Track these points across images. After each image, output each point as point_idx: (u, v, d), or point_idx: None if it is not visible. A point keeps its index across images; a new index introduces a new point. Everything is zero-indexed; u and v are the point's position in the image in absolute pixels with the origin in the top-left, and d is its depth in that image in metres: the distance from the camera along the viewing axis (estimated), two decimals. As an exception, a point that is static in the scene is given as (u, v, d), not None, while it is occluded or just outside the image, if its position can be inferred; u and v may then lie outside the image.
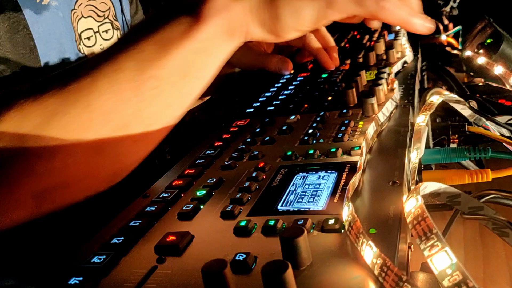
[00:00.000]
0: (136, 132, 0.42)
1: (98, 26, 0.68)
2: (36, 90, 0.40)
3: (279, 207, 0.37)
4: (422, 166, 0.51)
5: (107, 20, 0.70)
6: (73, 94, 0.39)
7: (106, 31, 0.69)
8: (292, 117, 0.59)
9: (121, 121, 0.40)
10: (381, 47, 0.84)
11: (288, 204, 0.37)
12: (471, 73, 0.86)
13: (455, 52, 1.04)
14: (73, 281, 0.31)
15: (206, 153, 0.52)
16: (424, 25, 0.48)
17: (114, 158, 0.43)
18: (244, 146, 0.52)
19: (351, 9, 0.42)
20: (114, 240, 0.35)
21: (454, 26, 1.16)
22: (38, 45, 0.57)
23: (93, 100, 0.39)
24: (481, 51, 0.88)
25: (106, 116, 0.40)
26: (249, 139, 0.54)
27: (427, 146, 0.53)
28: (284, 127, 0.56)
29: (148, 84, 0.40)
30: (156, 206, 0.40)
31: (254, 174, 0.43)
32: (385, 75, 0.63)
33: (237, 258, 0.30)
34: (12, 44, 0.54)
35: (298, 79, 0.81)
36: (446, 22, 1.18)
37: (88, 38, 0.66)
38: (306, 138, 0.51)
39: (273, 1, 0.42)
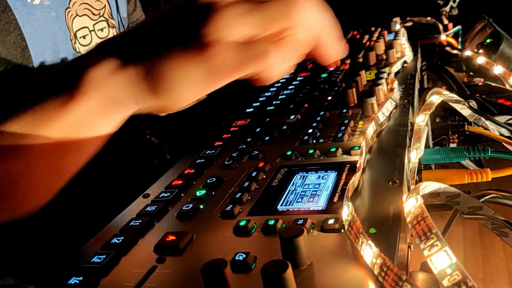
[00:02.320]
0: (7, 206, 0.39)
1: (94, 25, 0.68)
2: None
3: (279, 207, 0.37)
4: (422, 165, 0.51)
5: (102, 18, 0.69)
6: None
7: (102, 30, 0.69)
8: (292, 117, 0.59)
9: None
10: (380, 47, 0.84)
11: (288, 204, 0.37)
12: (471, 73, 0.86)
13: (455, 52, 1.04)
14: (73, 280, 0.31)
15: (206, 153, 0.52)
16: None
17: None
18: (244, 146, 0.52)
19: (238, 71, 0.37)
20: (114, 240, 0.36)
21: (454, 26, 1.17)
22: (30, 45, 0.57)
23: None
24: (480, 51, 0.88)
25: None
26: (249, 139, 0.55)
27: (426, 146, 0.53)
28: (284, 127, 0.56)
29: (19, 162, 0.37)
30: (156, 206, 0.40)
31: (254, 174, 0.43)
32: (384, 75, 0.63)
33: (237, 258, 0.30)
34: (4, 45, 0.54)
35: (298, 79, 0.81)
36: (445, 22, 1.18)
37: (84, 37, 0.66)
38: (306, 138, 0.51)
39: (159, 71, 0.37)
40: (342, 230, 0.32)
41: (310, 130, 0.53)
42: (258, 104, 0.71)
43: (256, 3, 0.36)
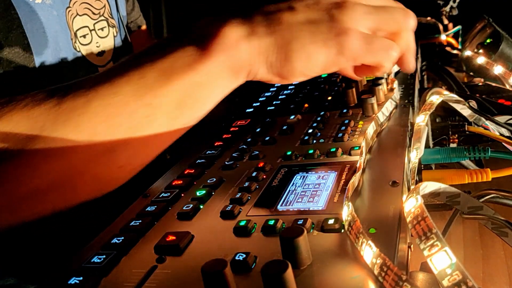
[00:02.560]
0: (122, 158, 0.41)
1: (94, 24, 0.68)
2: (30, 103, 0.39)
3: (279, 207, 0.37)
4: (422, 166, 0.51)
5: (102, 17, 0.69)
6: (64, 113, 0.38)
7: (102, 29, 0.69)
8: (293, 117, 0.59)
9: (108, 146, 0.40)
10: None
11: (288, 204, 0.37)
12: (471, 73, 0.86)
13: (455, 52, 1.04)
14: (73, 280, 0.31)
15: (207, 153, 0.52)
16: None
17: (93, 181, 0.42)
18: (244, 146, 0.52)
19: (362, 57, 0.43)
20: (115, 240, 0.36)
21: (454, 26, 1.17)
22: (32, 43, 0.57)
23: (84, 121, 0.38)
24: (480, 51, 0.88)
25: (94, 138, 0.39)
26: (249, 139, 0.55)
27: (427, 146, 0.53)
28: (285, 127, 0.56)
29: (142, 111, 0.40)
30: (156, 206, 0.40)
31: (254, 174, 0.43)
32: (385, 75, 0.63)
33: (237, 258, 0.30)
34: (6, 43, 0.55)
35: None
36: (446, 22, 1.18)
37: (84, 36, 0.66)
38: (306, 138, 0.51)
39: (285, 44, 0.42)
40: (342, 230, 0.32)
41: (310, 130, 0.53)
42: (258, 104, 0.71)
43: (379, 6, 0.45)
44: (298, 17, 0.42)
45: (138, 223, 0.38)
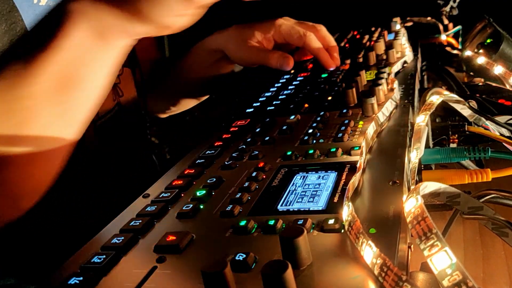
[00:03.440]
0: (20, 160, 0.38)
1: None
2: None
3: (279, 207, 0.37)
4: (422, 166, 0.51)
5: None
6: None
7: None
8: (292, 117, 0.59)
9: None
10: (381, 47, 0.84)
11: (288, 204, 0.37)
12: (471, 73, 0.86)
13: (455, 52, 1.04)
14: (73, 280, 0.31)
15: (206, 153, 0.52)
16: None
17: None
18: (244, 146, 0.52)
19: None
20: (114, 240, 0.36)
21: (454, 26, 1.16)
22: None
23: None
24: (481, 51, 0.88)
25: None
26: (249, 139, 0.54)
27: (427, 146, 0.53)
28: (284, 127, 0.56)
29: (20, 104, 0.37)
30: (156, 206, 0.40)
31: (254, 174, 0.43)
32: (385, 75, 0.63)
33: (237, 258, 0.30)
34: (11, 45, 0.55)
35: (298, 79, 0.81)
36: (446, 22, 1.18)
37: None
38: (306, 138, 0.51)
39: None
40: (342, 230, 0.32)
41: (310, 130, 0.53)
42: (258, 104, 0.71)
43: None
44: None
45: (138, 223, 0.38)
